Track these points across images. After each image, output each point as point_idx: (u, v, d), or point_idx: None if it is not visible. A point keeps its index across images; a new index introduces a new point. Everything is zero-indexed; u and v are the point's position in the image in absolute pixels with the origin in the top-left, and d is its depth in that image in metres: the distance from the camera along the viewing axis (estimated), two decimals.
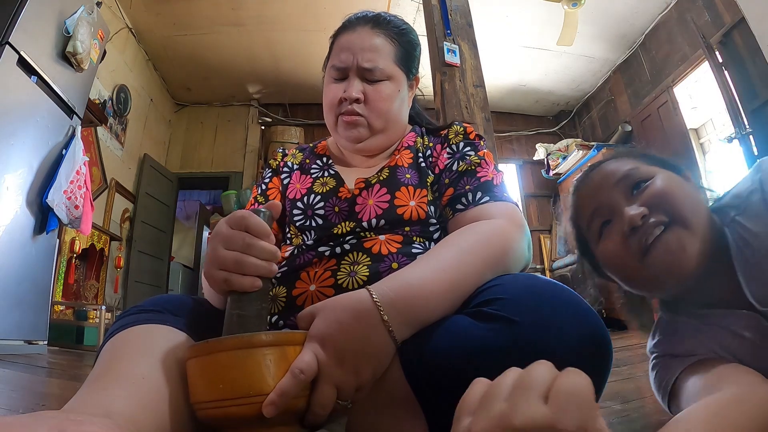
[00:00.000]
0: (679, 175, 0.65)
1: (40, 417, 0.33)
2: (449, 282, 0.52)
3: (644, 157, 0.69)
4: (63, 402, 0.42)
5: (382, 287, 0.49)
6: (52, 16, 2.29)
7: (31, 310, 2.19)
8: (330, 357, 0.45)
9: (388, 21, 0.76)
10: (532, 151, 5.11)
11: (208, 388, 0.42)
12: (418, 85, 0.83)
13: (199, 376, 0.43)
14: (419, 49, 0.81)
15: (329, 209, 0.70)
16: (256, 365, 0.41)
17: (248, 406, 0.40)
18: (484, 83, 2.14)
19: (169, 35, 4.24)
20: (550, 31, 3.85)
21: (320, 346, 0.45)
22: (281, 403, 0.40)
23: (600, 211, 0.65)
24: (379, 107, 0.72)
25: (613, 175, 0.65)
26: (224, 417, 0.41)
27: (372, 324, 0.47)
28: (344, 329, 0.46)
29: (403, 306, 0.48)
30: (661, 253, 0.57)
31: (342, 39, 0.75)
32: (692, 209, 0.60)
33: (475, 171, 0.70)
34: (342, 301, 0.48)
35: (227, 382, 0.41)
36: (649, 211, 0.59)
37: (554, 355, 0.43)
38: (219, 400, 0.41)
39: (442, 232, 0.69)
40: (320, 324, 0.46)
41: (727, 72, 3.21)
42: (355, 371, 0.46)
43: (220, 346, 0.42)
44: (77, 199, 2.38)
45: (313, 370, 0.43)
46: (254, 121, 5.21)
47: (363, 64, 0.71)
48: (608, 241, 0.62)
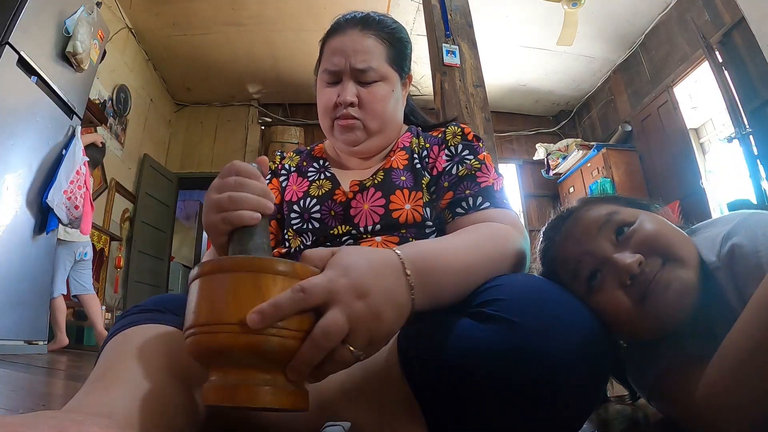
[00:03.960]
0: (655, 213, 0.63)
1: (40, 417, 0.33)
2: (463, 263, 0.51)
3: (616, 200, 0.66)
4: (63, 402, 0.42)
5: (405, 249, 0.48)
6: (52, 16, 2.29)
7: (31, 310, 2.19)
8: (352, 286, 0.39)
9: (378, 21, 0.75)
10: (532, 151, 5.11)
11: (198, 311, 0.38)
12: (411, 84, 0.82)
13: (196, 296, 0.39)
14: (410, 48, 0.80)
15: (325, 213, 0.70)
16: (256, 290, 0.37)
17: (238, 335, 0.35)
18: (484, 83, 2.15)
19: (169, 35, 4.24)
20: (550, 31, 3.85)
21: (342, 273, 0.40)
22: (269, 315, 0.35)
23: (586, 262, 0.59)
24: (375, 109, 0.72)
25: (594, 223, 0.61)
26: (208, 345, 0.37)
27: (398, 275, 0.44)
28: (373, 267, 0.42)
29: (422, 268, 0.46)
30: (662, 293, 0.54)
31: (332, 42, 0.74)
32: (681, 245, 0.57)
33: (475, 176, 0.69)
34: (368, 248, 0.47)
35: (221, 304, 0.37)
36: (644, 256, 0.56)
37: (555, 357, 0.43)
38: (206, 325, 0.37)
39: (438, 234, 0.69)
40: (344, 256, 0.42)
41: (727, 72, 3.21)
42: (377, 312, 0.40)
43: (224, 266, 0.38)
44: (77, 199, 2.38)
45: (317, 293, 0.38)
46: (254, 121, 5.21)
47: (356, 66, 0.71)
48: (603, 293, 0.57)
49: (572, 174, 4.82)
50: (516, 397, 0.44)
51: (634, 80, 4.51)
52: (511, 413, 0.45)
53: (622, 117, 4.67)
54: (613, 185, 4.17)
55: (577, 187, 4.75)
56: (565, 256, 0.63)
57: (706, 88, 3.68)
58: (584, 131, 5.37)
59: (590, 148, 4.54)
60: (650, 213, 0.62)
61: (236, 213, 0.47)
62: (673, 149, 3.99)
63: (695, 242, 0.59)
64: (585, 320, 0.48)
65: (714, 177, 3.87)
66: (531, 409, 0.45)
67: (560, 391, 0.44)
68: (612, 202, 0.65)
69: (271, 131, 5.03)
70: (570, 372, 0.44)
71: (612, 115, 4.88)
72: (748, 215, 0.56)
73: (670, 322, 0.56)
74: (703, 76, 3.62)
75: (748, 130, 3.00)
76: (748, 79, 3.09)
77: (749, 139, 2.99)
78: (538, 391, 0.44)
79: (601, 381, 0.50)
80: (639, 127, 4.41)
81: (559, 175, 4.98)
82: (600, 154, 4.40)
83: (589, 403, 0.49)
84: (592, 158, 4.48)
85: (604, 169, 4.32)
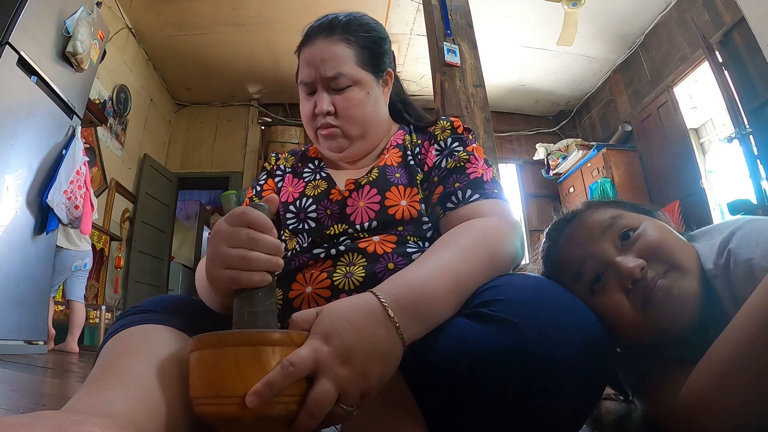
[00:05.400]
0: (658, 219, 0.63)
1: (39, 417, 0.33)
2: (451, 281, 0.51)
3: (619, 204, 0.66)
4: (63, 402, 0.42)
5: (384, 287, 0.48)
6: (52, 16, 2.29)
7: (31, 310, 2.19)
8: (335, 353, 0.41)
9: (344, 24, 0.73)
10: (532, 151, 5.11)
11: (206, 383, 0.41)
12: (392, 80, 0.80)
13: (198, 369, 0.42)
14: (387, 43, 0.78)
15: (321, 212, 0.70)
16: (258, 364, 0.39)
17: (241, 407, 0.38)
18: (484, 83, 2.15)
19: (169, 35, 4.24)
20: (550, 31, 3.85)
21: (324, 341, 0.42)
22: (266, 394, 0.38)
23: (589, 265, 0.60)
24: (351, 115, 0.72)
25: (598, 226, 0.61)
26: (219, 415, 0.40)
27: (380, 322, 0.44)
28: (353, 325, 0.43)
29: (407, 303, 0.46)
30: (664, 300, 0.54)
31: (303, 53, 0.74)
32: (684, 252, 0.58)
33: (464, 167, 0.69)
34: (347, 300, 0.47)
35: (224, 378, 0.39)
36: (647, 262, 0.56)
37: (555, 357, 0.43)
38: (215, 397, 0.40)
39: (434, 230, 0.68)
40: (325, 320, 0.43)
41: (727, 72, 3.21)
42: (363, 372, 0.42)
43: (224, 340, 0.41)
44: (77, 199, 2.38)
45: (305, 365, 0.40)
46: (254, 121, 5.21)
47: (326, 74, 0.70)
48: (605, 296, 0.58)
49: (572, 174, 4.81)
50: (516, 398, 0.44)
51: (634, 80, 4.51)
52: (510, 414, 0.45)
53: (622, 117, 4.67)
54: (613, 185, 4.17)
55: (577, 187, 4.75)
56: (568, 257, 0.63)
57: (706, 88, 3.68)
58: (584, 131, 5.37)
59: (590, 148, 4.54)
60: (653, 219, 0.62)
61: (248, 275, 0.46)
62: (673, 149, 3.99)
63: (696, 249, 0.59)
64: (586, 321, 0.48)
65: (714, 177, 3.87)
66: (531, 409, 0.45)
67: (560, 391, 0.44)
68: (615, 206, 0.65)
69: (271, 131, 5.03)
70: (571, 373, 0.44)
71: (612, 115, 4.88)
72: (746, 221, 0.56)
73: (671, 330, 0.56)
74: (703, 76, 3.62)
75: (748, 130, 3.00)
76: (748, 79, 3.09)
77: (749, 139, 2.99)
78: (538, 391, 0.44)
79: (601, 382, 0.49)
80: (639, 127, 4.41)
81: (559, 175, 4.98)
82: (600, 154, 4.40)
83: (589, 403, 0.49)
84: (592, 158, 4.48)
85: (604, 169, 4.32)
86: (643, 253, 0.57)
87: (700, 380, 0.49)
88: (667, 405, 0.53)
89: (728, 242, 0.54)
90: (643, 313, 0.55)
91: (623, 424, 0.77)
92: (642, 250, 0.57)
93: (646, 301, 0.55)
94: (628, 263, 0.56)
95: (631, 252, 0.58)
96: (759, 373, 0.43)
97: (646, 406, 0.62)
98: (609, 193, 4.13)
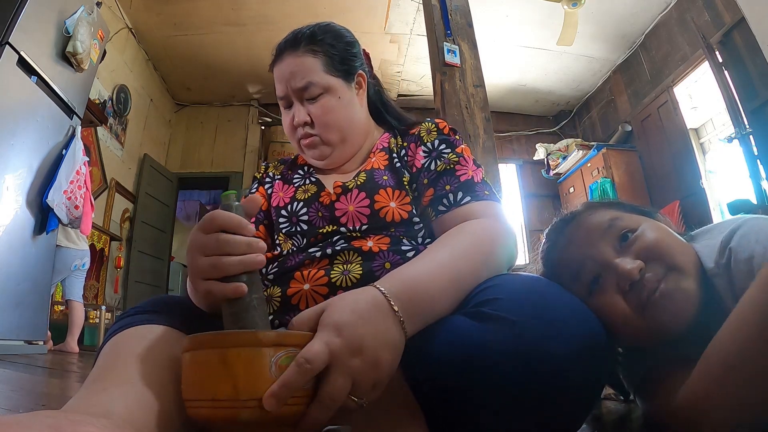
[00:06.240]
0: (657, 221, 0.63)
1: (37, 417, 0.33)
2: (448, 278, 0.51)
3: (619, 205, 0.66)
4: (63, 402, 0.42)
5: (384, 282, 0.48)
6: (52, 16, 2.29)
7: (31, 310, 2.19)
8: (347, 345, 0.41)
9: (308, 36, 0.75)
10: (532, 151, 5.11)
11: (199, 386, 0.40)
12: (366, 81, 0.81)
13: (190, 371, 0.41)
14: (355, 47, 0.80)
15: (312, 214, 0.71)
16: (256, 365, 0.38)
17: (239, 410, 0.38)
18: (484, 83, 2.14)
19: (169, 35, 4.24)
20: (550, 31, 3.85)
21: (335, 334, 0.41)
22: (284, 395, 0.37)
23: (588, 266, 0.60)
24: (327, 122, 0.73)
25: (597, 227, 0.61)
26: (213, 418, 0.39)
27: (386, 313, 0.45)
28: (362, 316, 0.43)
29: (407, 299, 0.47)
30: (663, 302, 0.54)
31: (275, 71, 0.77)
32: (682, 253, 0.58)
33: (454, 170, 0.69)
34: (352, 294, 0.47)
35: (218, 381, 0.38)
36: (645, 263, 0.56)
37: (554, 356, 0.43)
38: (209, 400, 0.39)
39: (426, 231, 0.69)
40: (334, 313, 0.43)
41: (727, 72, 3.21)
42: (374, 362, 0.42)
43: (214, 341, 0.40)
44: (77, 199, 2.38)
45: (321, 360, 0.39)
46: (254, 121, 5.21)
47: (296, 86, 0.73)
48: (603, 297, 0.58)
49: (572, 174, 4.81)
50: (515, 397, 0.44)
51: (634, 80, 4.51)
52: (510, 413, 0.45)
53: (622, 117, 4.67)
54: (613, 185, 4.17)
55: (577, 187, 4.75)
56: (567, 258, 0.63)
57: (706, 88, 3.68)
58: (584, 131, 5.37)
59: (590, 148, 4.54)
60: (652, 220, 0.62)
61: (221, 287, 0.45)
62: (673, 149, 3.99)
63: (695, 249, 0.59)
64: (585, 320, 0.48)
65: (714, 177, 3.87)
66: (530, 408, 0.45)
67: (560, 390, 0.44)
68: (615, 207, 0.65)
69: (271, 131, 5.04)
70: (570, 372, 0.44)
71: (612, 115, 4.88)
72: (746, 220, 0.56)
73: (669, 331, 0.56)
74: (703, 76, 3.61)
75: (748, 130, 3.00)
76: (748, 79, 3.09)
77: (749, 139, 2.99)
78: (537, 390, 0.44)
79: (601, 381, 0.50)
80: (639, 127, 4.41)
81: (559, 175, 4.98)
82: (600, 154, 4.40)
83: (588, 403, 0.49)
84: (592, 158, 4.48)
85: (604, 169, 4.32)
86: (642, 255, 0.57)
87: (698, 380, 0.49)
88: (668, 405, 0.53)
89: (729, 241, 0.54)
90: (640, 315, 0.55)
91: (623, 424, 0.77)
92: (640, 251, 0.58)
93: (644, 303, 0.55)
94: (626, 265, 0.56)
95: (630, 253, 0.58)
96: (756, 372, 0.43)
97: (647, 405, 0.62)
98: (609, 193, 4.13)
